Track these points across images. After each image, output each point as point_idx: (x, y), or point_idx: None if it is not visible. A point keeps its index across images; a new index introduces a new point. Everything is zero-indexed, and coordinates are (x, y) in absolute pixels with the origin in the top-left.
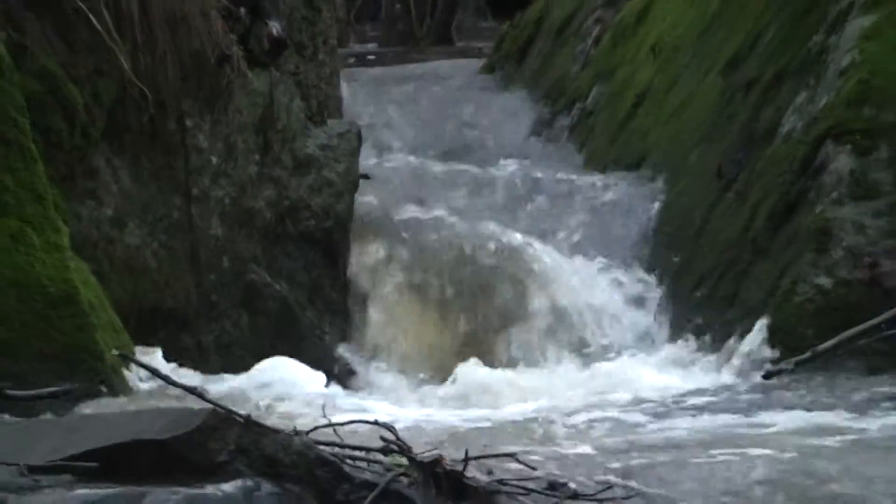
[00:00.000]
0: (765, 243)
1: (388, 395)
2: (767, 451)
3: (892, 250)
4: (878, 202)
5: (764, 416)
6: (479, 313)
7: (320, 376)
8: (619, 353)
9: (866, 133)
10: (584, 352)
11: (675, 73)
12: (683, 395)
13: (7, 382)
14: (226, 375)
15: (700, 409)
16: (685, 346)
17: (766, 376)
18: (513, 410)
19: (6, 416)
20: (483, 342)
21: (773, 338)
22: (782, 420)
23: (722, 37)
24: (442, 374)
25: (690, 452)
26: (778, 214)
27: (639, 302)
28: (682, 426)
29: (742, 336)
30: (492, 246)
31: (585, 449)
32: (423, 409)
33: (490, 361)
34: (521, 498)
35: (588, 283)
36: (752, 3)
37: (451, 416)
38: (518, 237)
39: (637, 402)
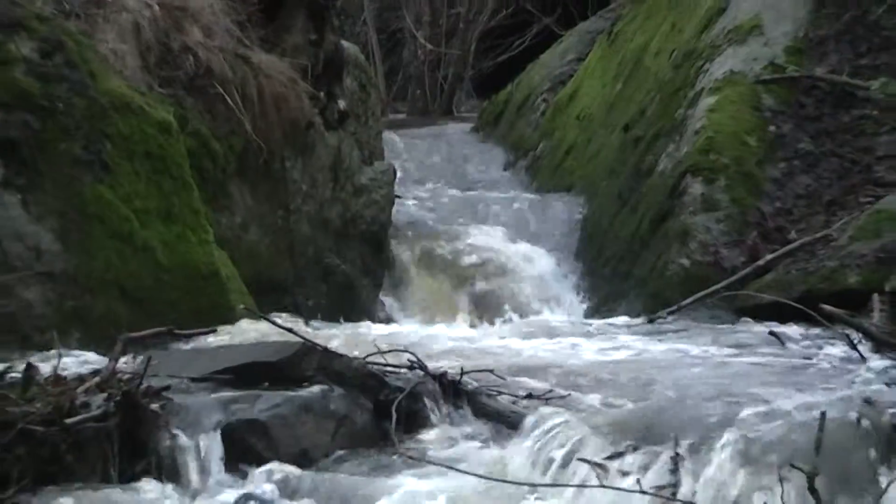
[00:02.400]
0: (648, 239)
1: (412, 330)
2: (647, 363)
3: (727, 244)
4: (718, 213)
5: (646, 344)
6: (470, 284)
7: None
8: (553, 308)
9: (711, 170)
10: (531, 306)
11: (591, 133)
12: (597, 333)
13: (175, 325)
14: (312, 322)
15: (606, 340)
16: (597, 304)
17: (650, 321)
18: (488, 343)
19: (173, 347)
20: (471, 300)
21: (653, 298)
22: (655, 345)
23: (621, 109)
24: (446, 319)
25: (602, 366)
26: (656, 221)
27: (567, 276)
28: (596, 352)
29: (635, 297)
30: (476, 241)
31: (535, 366)
32: (433, 341)
33: (475, 313)
34: (495, 398)
35: (535, 263)
36: (640, 89)
37: (452, 345)
38: (496, 236)
39: (566, 337)
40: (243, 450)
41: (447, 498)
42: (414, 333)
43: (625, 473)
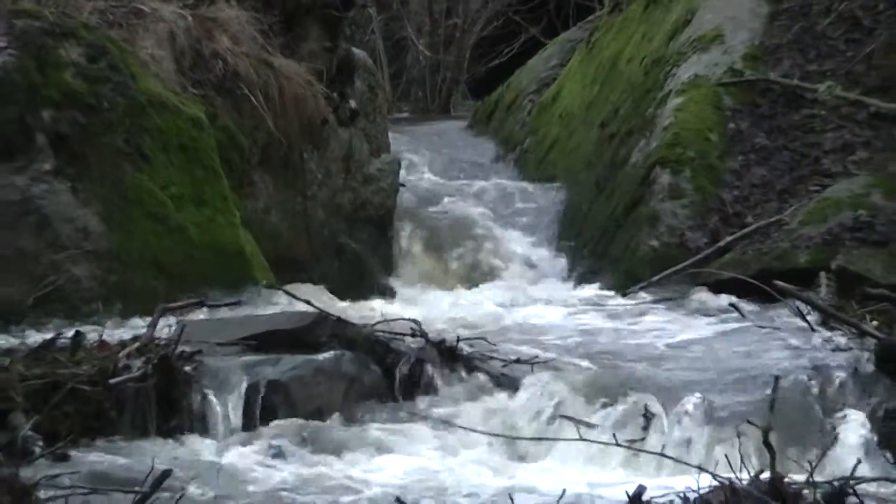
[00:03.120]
0: (621, 223)
1: (414, 302)
2: (621, 331)
3: (691, 227)
4: (683, 200)
5: (620, 314)
6: (464, 259)
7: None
8: (538, 283)
9: (677, 162)
10: (519, 280)
11: (572, 129)
12: (577, 304)
13: (205, 298)
14: (325, 295)
15: (585, 311)
16: (576, 279)
17: (624, 294)
18: (481, 312)
19: (201, 316)
20: (465, 274)
21: (626, 274)
22: (628, 316)
23: (598, 109)
24: (443, 291)
25: (581, 333)
26: (629, 207)
27: (551, 255)
28: (575, 321)
29: (610, 274)
30: (471, 223)
31: (522, 333)
32: (433, 311)
33: (469, 285)
34: (488, 361)
35: (521, 243)
36: (614, 91)
37: (449, 314)
38: (488, 218)
39: (549, 308)
40: (265, 407)
41: (445, 448)
42: (415, 304)
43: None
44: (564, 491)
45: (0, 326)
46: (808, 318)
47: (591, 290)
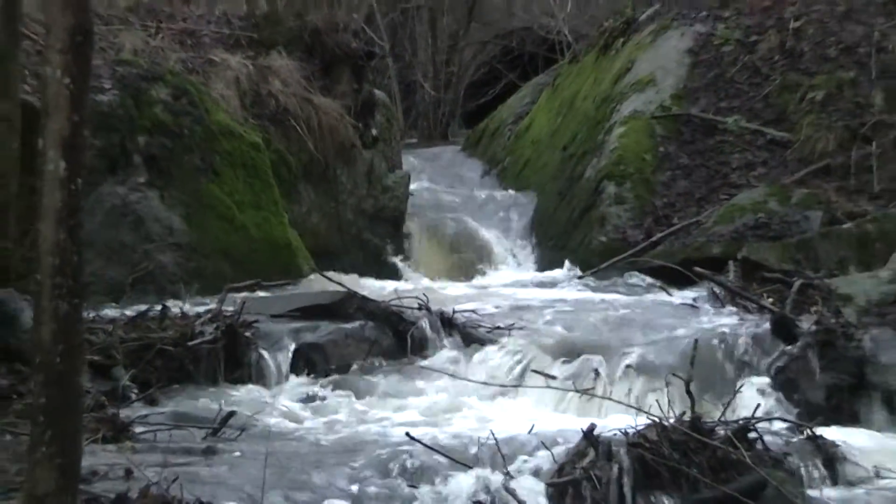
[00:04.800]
0: (578, 223)
1: (420, 285)
2: (577, 304)
3: (631, 226)
4: (625, 206)
5: (576, 293)
6: (458, 249)
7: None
8: (514, 268)
9: (620, 177)
10: (499, 267)
11: (541, 151)
12: (544, 285)
13: (261, 279)
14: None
15: (550, 291)
16: (543, 266)
17: (580, 277)
18: (471, 291)
19: (259, 294)
20: (459, 261)
21: (582, 262)
22: (582, 294)
23: (561, 136)
24: (441, 275)
25: (547, 306)
26: (584, 211)
27: (524, 247)
28: (542, 298)
29: (569, 262)
30: (464, 222)
31: (503, 306)
32: (434, 290)
33: (461, 270)
34: (476, 328)
35: (500, 240)
36: (573, 122)
37: (446, 292)
38: (475, 219)
39: (522, 288)
40: (307, 362)
41: (443, 393)
42: (421, 285)
43: (561, 379)
44: (533, 425)
45: (107, 301)
46: (720, 295)
47: (554, 274)
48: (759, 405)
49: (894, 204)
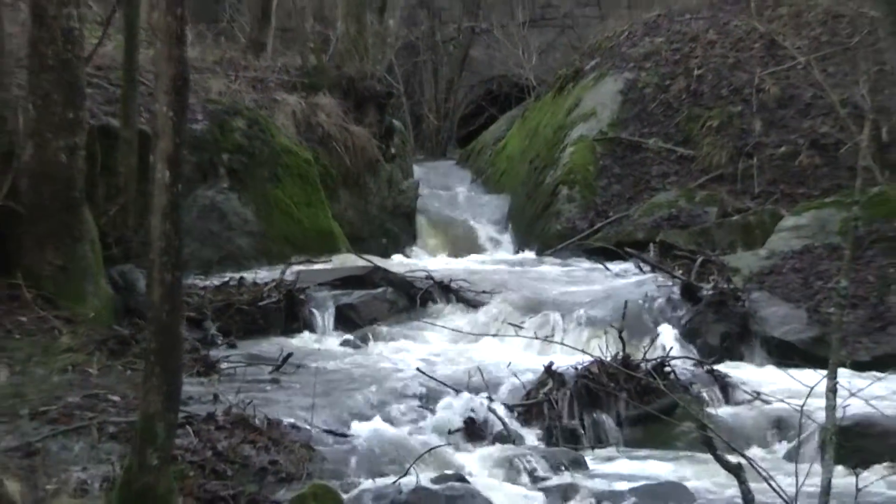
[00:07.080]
0: (540, 216)
1: (426, 261)
2: (540, 275)
3: (579, 218)
4: (575, 203)
5: (539, 267)
6: (455, 236)
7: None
8: (495, 250)
9: (571, 183)
10: (484, 249)
11: (514, 165)
12: (516, 263)
13: (311, 258)
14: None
15: (521, 267)
16: (516, 248)
17: (542, 255)
18: (463, 266)
19: (310, 267)
20: (454, 245)
21: (543, 245)
22: (544, 268)
23: (528, 153)
24: (441, 254)
25: (519, 276)
26: (544, 207)
27: (502, 234)
28: (516, 271)
29: (535, 245)
30: (458, 217)
31: (487, 278)
32: (437, 265)
33: (455, 251)
34: (467, 292)
35: (483, 231)
36: (537, 143)
37: (446, 267)
38: (466, 214)
39: (502, 265)
40: (345, 318)
41: (443, 340)
42: (426, 262)
43: (528, 329)
44: (510, 363)
45: (200, 273)
46: (644, 269)
47: (524, 255)
48: (671, 347)
49: (769, 202)
